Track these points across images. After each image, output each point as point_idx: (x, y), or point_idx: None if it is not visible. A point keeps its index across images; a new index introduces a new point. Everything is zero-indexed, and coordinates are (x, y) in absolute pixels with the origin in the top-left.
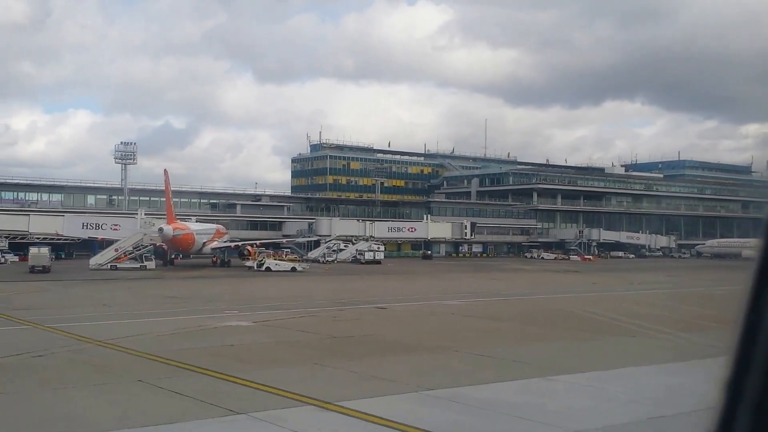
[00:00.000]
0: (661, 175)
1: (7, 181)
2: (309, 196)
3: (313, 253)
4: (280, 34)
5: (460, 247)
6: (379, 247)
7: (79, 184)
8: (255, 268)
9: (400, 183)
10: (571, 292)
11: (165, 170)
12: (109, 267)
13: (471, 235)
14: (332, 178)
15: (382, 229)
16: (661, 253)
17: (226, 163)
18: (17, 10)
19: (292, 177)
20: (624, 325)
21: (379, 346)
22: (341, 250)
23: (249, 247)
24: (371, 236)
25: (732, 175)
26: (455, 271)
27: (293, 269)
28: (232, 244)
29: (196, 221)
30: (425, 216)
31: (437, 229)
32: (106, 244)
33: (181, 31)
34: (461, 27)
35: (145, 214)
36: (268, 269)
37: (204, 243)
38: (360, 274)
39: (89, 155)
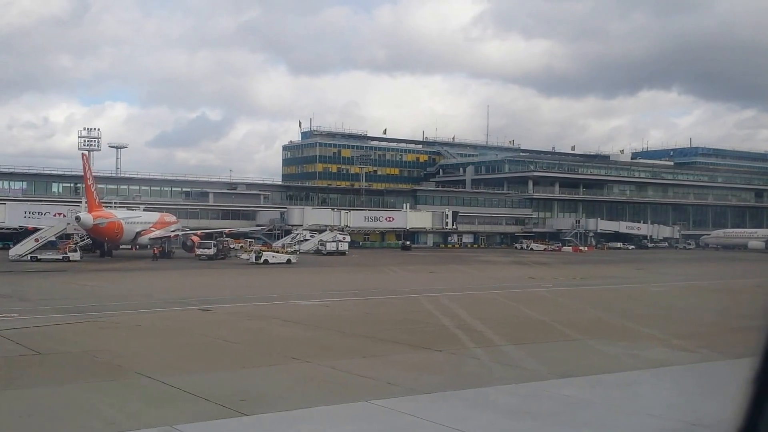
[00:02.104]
0: (671, 163)
1: None
2: (289, 184)
3: (277, 244)
4: (314, 27)
5: (450, 238)
6: (344, 238)
7: (43, 172)
8: (252, 260)
9: (395, 171)
10: (488, 288)
11: (83, 155)
12: (29, 258)
13: (453, 225)
14: (321, 166)
15: (357, 218)
16: (666, 243)
17: (260, 154)
18: (57, 6)
19: (283, 165)
20: (458, 336)
21: (65, 370)
22: (306, 240)
23: (193, 237)
24: (347, 226)
25: (747, 163)
26: (411, 263)
27: (288, 261)
28: (173, 234)
29: (144, 209)
30: (404, 205)
31: (417, 218)
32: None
33: (216, 24)
34: (494, 18)
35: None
36: (266, 262)
37: (139, 232)
38: (302, 266)
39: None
